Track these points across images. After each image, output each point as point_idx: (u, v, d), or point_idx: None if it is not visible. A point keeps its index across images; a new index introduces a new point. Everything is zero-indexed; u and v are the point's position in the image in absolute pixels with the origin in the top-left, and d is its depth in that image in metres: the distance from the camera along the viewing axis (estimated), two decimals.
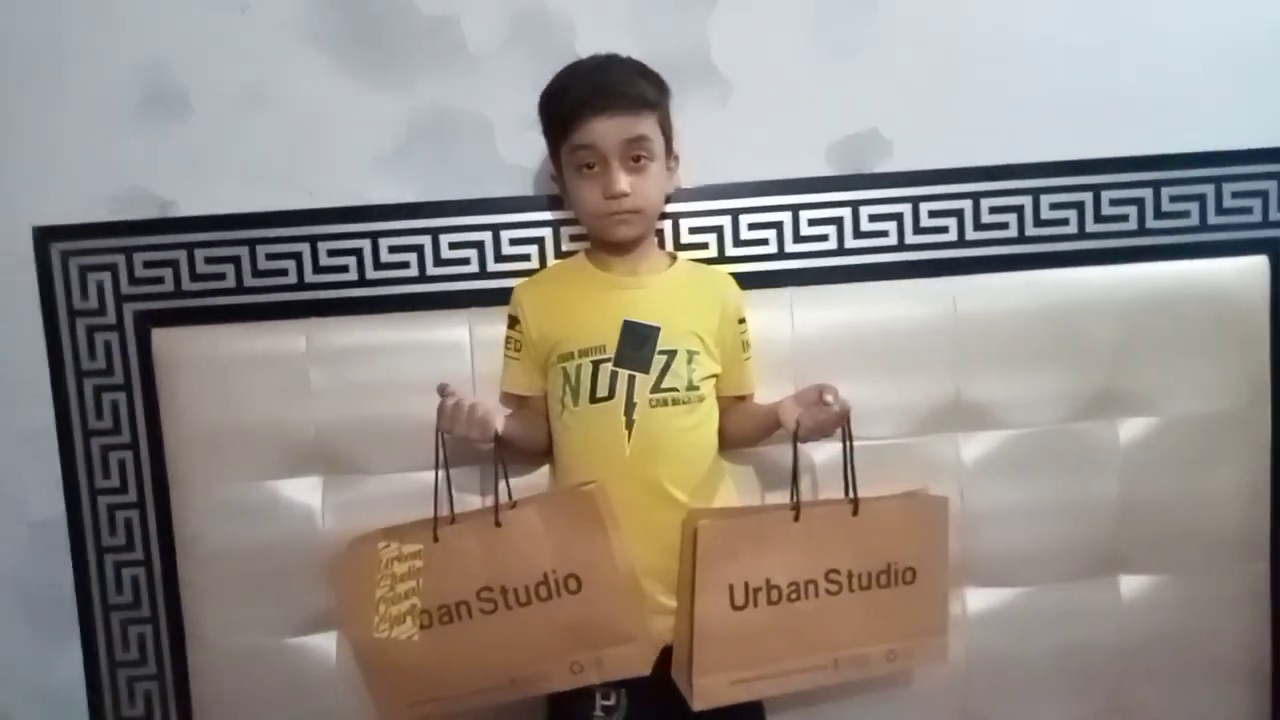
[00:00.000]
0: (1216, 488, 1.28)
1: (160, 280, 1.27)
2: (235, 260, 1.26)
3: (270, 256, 1.27)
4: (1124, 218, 1.29)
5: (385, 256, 1.27)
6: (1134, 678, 1.29)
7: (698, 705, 1.05)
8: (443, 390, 1.05)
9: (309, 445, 1.23)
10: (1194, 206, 1.29)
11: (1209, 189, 1.29)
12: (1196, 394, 1.27)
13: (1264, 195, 1.29)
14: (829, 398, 1.03)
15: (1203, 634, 1.29)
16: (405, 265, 1.27)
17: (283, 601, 1.24)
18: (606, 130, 1.06)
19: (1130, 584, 1.29)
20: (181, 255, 1.26)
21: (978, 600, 1.27)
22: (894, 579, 1.10)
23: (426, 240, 1.27)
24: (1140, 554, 1.28)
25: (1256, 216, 1.29)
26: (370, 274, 1.27)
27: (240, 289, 1.27)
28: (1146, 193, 1.29)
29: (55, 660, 1.33)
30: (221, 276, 1.27)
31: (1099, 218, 1.29)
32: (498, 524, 1.07)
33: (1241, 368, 1.28)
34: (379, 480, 1.23)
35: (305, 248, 1.26)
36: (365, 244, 1.27)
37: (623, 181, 1.08)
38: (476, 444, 1.07)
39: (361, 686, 1.15)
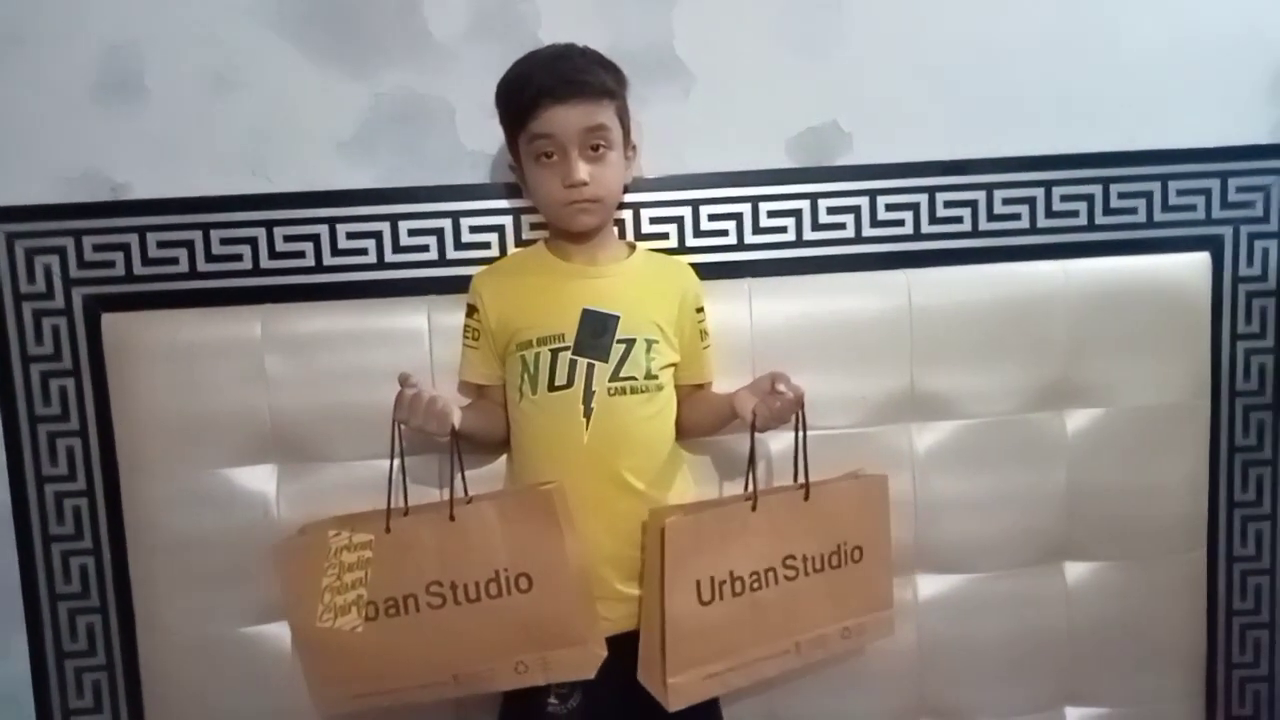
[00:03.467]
0: (1158, 478, 1.31)
1: (111, 264, 1.24)
2: (189, 245, 1.24)
3: (225, 241, 1.24)
4: (1074, 213, 1.31)
5: (343, 243, 1.26)
6: (1080, 661, 1.32)
7: (673, 705, 1.03)
8: (404, 380, 1.04)
9: (264, 433, 1.21)
10: (1141, 203, 1.32)
11: (1155, 186, 1.31)
12: (1141, 386, 1.30)
13: (1207, 193, 1.32)
14: (781, 386, 1.04)
15: (1144, 618, 1.32)
16: (364, 252, 1.26)
17: (236, 590, 1.22)
18: (566, 119, 1.06)
19: (1076, 570, 1.32)
20: (133, 239, 1.24)
21: (930, 586, 1.29)
22: (844, 559, 1.12)
23: (385, 227, 1.26)
24: (1086, 542, 1.31)
25: (1200, 214, 1.32)
26: (328, 260, 1.26)
27: (194, 274, 1.25)
28: (1096, 189, 1.31)
29: (0, 651, 1.30)
30: (174, 261, 1.24)
31: (1050, 213, 1.31)
32: (452, 518, 1.06)
33: (1184, 362, 1.31)
34: (335, 468, 1.22)
35: (261, 233, 1.25)
36: (323, 230, 1.25)
37: (582, 170, 1.08)
38: (433, 435, 1.07)
39: None
